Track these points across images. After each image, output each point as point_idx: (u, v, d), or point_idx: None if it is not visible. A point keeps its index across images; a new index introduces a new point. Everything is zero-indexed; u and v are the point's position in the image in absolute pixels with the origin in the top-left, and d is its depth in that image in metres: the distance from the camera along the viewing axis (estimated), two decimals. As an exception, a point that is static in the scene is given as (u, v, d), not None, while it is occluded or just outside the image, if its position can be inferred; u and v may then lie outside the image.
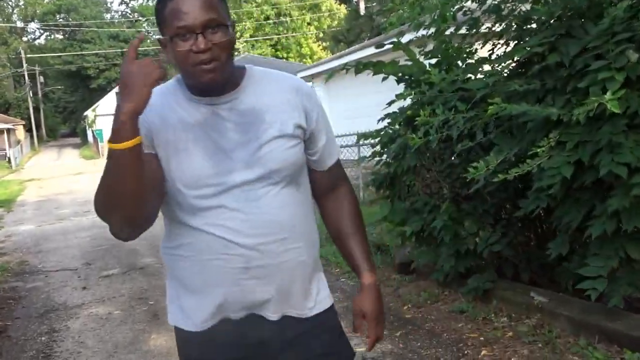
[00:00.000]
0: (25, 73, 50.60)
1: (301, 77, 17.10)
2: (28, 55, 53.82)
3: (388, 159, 4.92)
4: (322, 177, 1.64)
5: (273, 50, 41.48)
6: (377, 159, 5.15)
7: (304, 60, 38.64)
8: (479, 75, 4.46)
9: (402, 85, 4.88)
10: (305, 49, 42.42)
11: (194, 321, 1.54)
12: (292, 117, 1.51)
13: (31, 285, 6.53)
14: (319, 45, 44.40)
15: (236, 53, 2.40)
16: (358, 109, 14.16)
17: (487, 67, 4.46)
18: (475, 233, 4.29)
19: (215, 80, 1.40)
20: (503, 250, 4.10)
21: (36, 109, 56.81)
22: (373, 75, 4.95)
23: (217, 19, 1.38)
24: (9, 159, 35.32)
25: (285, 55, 40.54)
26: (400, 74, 4.83)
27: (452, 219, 4.25)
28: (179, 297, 1.57)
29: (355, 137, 11.36)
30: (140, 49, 2.03)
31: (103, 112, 42.63)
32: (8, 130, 41.61)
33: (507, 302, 4.08)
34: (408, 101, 4.77)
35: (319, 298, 1.60)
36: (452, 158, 4.24)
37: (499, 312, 4.04)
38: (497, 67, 4.23)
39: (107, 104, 43.57)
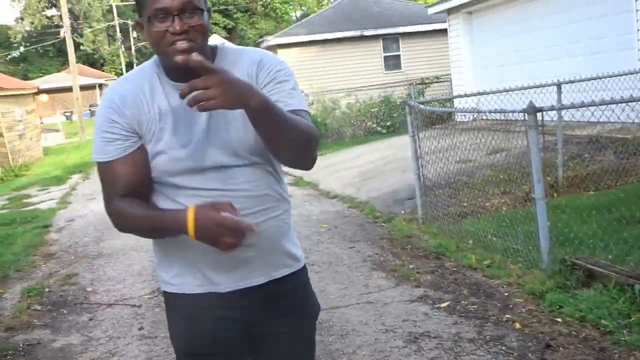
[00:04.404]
0: (117, 26, 49.56)
1: (434, 13, 13.58)
2: (120, 2, 52.73)
3: None
4: None
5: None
6: None
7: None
8: None
9: None
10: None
11: (182, 284, 1.62)
12: None
13: (61, 344, 3.84)
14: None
15: None
16: (515, 52, 10.60)
17: None
18: None
19: (187, 61, 1.34)
20: None
21: (130, 64, 56.17)
22: None
23: (193, 2, 1.44)
24: (100, 115, 34.05)
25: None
26: None
27: None
28: (169, 266, 1.64)
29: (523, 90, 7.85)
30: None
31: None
32: (100, 85, 40.62)
33: None
34: None
35: (294, 258, 1.69)
36: None
37: None
38: None
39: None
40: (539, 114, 4.06)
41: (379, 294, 4.16)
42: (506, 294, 3.94)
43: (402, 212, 6.56)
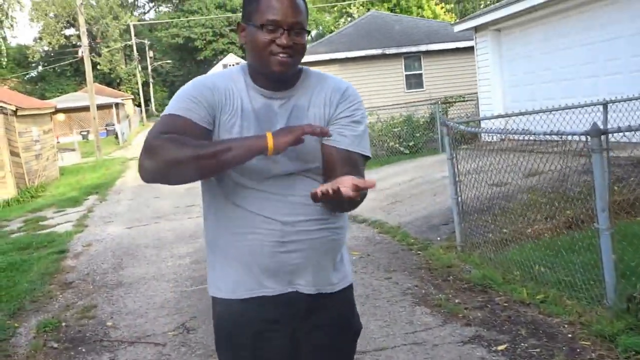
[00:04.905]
0: (134, 46, 49.89)
1: (460, 30, 13.25)
2: (137, 22, 53.11)
3: None
4: (338, 158, 1.64)
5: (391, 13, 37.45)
6: None
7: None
8: None
9: None
10: (427, 12, 38.12)
11: (233, 289, 1.66)
12: (325, 112, 1.67)
13: (80, 388, 3.52)
14: (442, 7, 39.92)
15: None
16: (548, 70, 10.26)
17: None
18: None
19: (283, 72, 1.59)
20: None
21: (146, 84, 56.46)
22: None
23: (302, 23, 1.59)
24: (117, 134, 34.12)
25: (405, 19, 36.32)
26: None
27: None
28: (220, 268, 1.69)
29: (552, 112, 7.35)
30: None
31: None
32: (116, 104, 40.73)
33: None
34: None
35: (343, 274, 1.76)
36: None
37: None
38: None
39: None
40: (603, 137, 3.71)
41: (427, 334, 3.80)
42: (570, 335, 3.56)
43: (438, 238, 6.20)
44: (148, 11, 70.17)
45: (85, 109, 31.64)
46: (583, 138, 3.78)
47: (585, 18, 9.23)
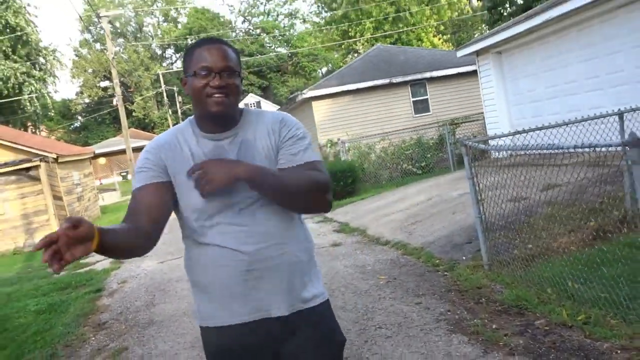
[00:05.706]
0: (164, 92, 50.24)
1: (463, 56, 12.74)
2: (165, 71, 53.49)
3: None
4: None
5: (394, 47, 37.07)
6: None
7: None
8: None
9: None
10: (426, 44, 37.77)
11: (214, 319, 1.66)
12: (271, 141, 1.69)
13: None
14: (440, 38, 39.54)
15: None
16: (552, 87, 9.69)
17: None
18: None
19: (222, 112, 1.61)
20: None
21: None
22: None
23: (232, 67, 1.63)
24: (152, 173, 33.92)
25: (407, 51, 35.93)
26: None
27: None
28: (200, 302, 1.70)
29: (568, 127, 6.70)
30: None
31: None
32: (151, 146, 40.79)
33: None
34: None
35: (315, 292, 1.72)
36: None
37: None
38: None
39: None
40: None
41: (468, 367, 3.24)
42: (625, 362, 2.98)
43: (463, 258, 5.62)
44: (175, 61, 70.79)
45: (124, 152, 31.58)
46: (619, 149, 3.25)
47: (585, 34, 8.67)
